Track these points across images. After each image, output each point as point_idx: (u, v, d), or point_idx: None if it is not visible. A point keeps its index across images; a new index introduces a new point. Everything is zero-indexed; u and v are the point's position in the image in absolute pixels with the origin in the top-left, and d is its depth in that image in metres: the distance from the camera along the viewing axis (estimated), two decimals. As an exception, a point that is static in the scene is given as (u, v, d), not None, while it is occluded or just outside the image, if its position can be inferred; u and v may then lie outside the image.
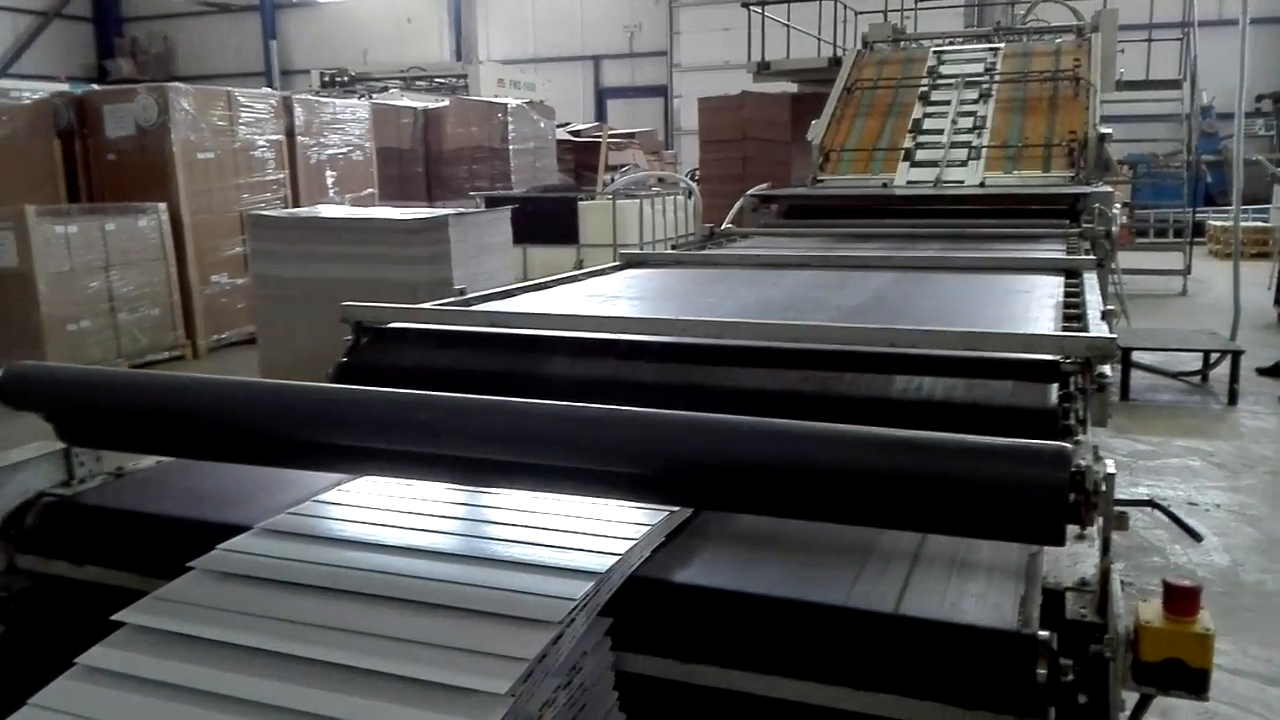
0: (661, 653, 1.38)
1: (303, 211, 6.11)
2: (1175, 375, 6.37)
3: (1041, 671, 1.21)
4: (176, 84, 7.52)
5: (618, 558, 1.40)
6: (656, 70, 22.30)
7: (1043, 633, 1.24)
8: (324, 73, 17.05)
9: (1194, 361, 6.41)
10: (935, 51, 7.66)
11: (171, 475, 1.96)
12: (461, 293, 3.10)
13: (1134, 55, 11.01)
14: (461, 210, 5.41)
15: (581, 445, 1.39)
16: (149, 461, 2.00)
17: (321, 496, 1.71)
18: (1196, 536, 1.30)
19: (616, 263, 4.21)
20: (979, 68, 7.24)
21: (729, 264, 4.09)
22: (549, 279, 3.67)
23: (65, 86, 10.00)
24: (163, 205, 7.25)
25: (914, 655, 1.28)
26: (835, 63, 9.94)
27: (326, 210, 5.97)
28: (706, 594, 1.41)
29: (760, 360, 2.19)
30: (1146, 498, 1.30)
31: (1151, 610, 1.14)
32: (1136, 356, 6.27)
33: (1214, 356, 6.27)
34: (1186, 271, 10.36)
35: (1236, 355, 6.00)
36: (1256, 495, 4.39)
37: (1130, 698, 1.31)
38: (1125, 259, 8.85)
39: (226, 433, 1.66)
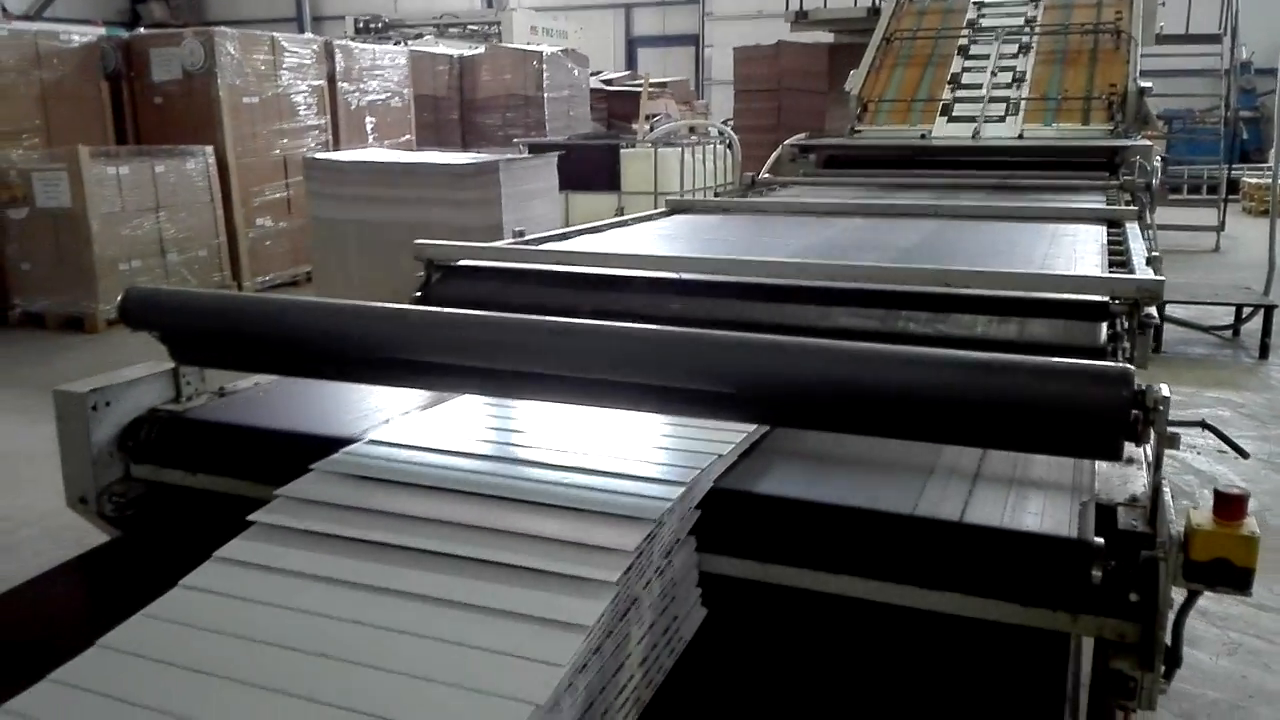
0: (740, 554, 1.51)
1: (357, 154, 6.22)
2: (1207, 329, 6.41)
3: (1096, 573, 1.33)
4: (222, 28, 7.60)
5: (702, 469, 1.53)
6: (688, 19, 22.09)
7: (1097, 539, 1.36)
8: (358, 19, 17.05)
9: (1226, 316, 6.45)
10: (975, 3, 7.62)
11: (269, 395, 2.10)
12: (520, 234, 3.21)
13: (1174, 8, 10.86)
14: (511, 156, 5.51)
15: (670, 365, 1.51)
16: (247, 382, 2.14)
17: (421, 412, 1.84)
18: (1244, 454, 1.41)
19: (663, 209, 4.31)
20: (1019, 19, 7.21)
21: (774, 210, 4.17)
22: (600, 223, 3.77)
23: (102, 31, 10.09)
24: (209, 148, 7.37)
25: (977, 559, 1.40)
26: (874, 12, 9.88)
27: (379, 154, 6.08)
28: (783, 503, 1.53)
29: (819, 299, 2.29)
30: (1199, 419, 1.39)
31: (1202, 515, 1.25)
32: (1169, 310, 6.30)
33: (1246, 311, 6.31)
34: (1220, 228, 10.31)
35: (1270, 310, 6.04)
36: (1286, 445, 4.49)
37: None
38: (1158, 215, 8.82)
39: (327, 351, 1.78)
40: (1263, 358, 5.94)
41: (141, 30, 8.25)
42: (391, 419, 1.88)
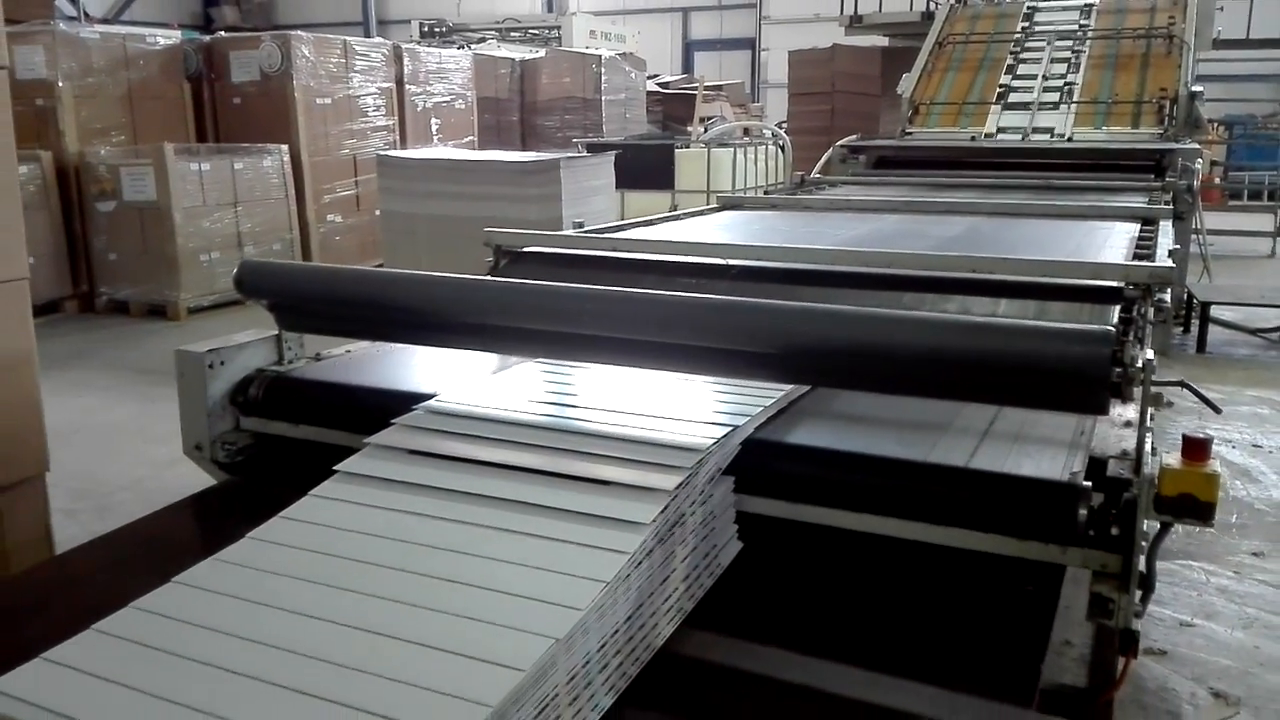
0: (773, 495, 1.73)
1: (427, 152, 6.53)
2: (1253, 331, 6.46)
3: (1083, 512, 1.53)
4: (299, 32, 7.98)
5: (747, 418, 1.76)
6: (745, 22, 22.28)
7: (1084, 482, 1.56)
8: (423, 23, 17.52)
9: (1274, 319, 6.50)
10: (1029, 7, 7.72)
11: (359, 359, 2.37)
12: (580, 225, 3.46)
13: (1235, 12, 10.82)
14: (571, 155, 5.78)
15: (719, 330, 1.73)
16: (339, 349, 2.41)
17: (490, 375, 2.09)
18: (1216, 409, 1.54)
19: (714, 205, 4.54)
20: (1072, 24, 7.31)
21: (821, 207, 4.37)
22: (655, 217, 4.01)
23: (180, 34, 10.56)
24: (284, 147, 7.74)
25: (981, 499, 1.61)
26: (928, 17, 10.00)
27: (448, 152, 6.38)
28: (811, 450, 1.75)
29: (857, 284, 2.50)
30: (1178, 379, 1.53)
31: (1172, 458, 1.44)
32: (1215, 312, 6.38)
33: (1293, 313, 6.36)
34: (1277, 234, 10.26)
35: (1317, 312, 6.10)
36: (1323, 442, 4.58)
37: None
38: (1215, 220, 8.85)
39: (414, 318, 2.03)
40: (1308, 359, 6.00)
41: (222, 34, 8.67)
42: (464, 380, 2.13)
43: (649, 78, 13.70)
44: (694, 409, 1.84)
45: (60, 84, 7.22)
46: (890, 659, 1.44)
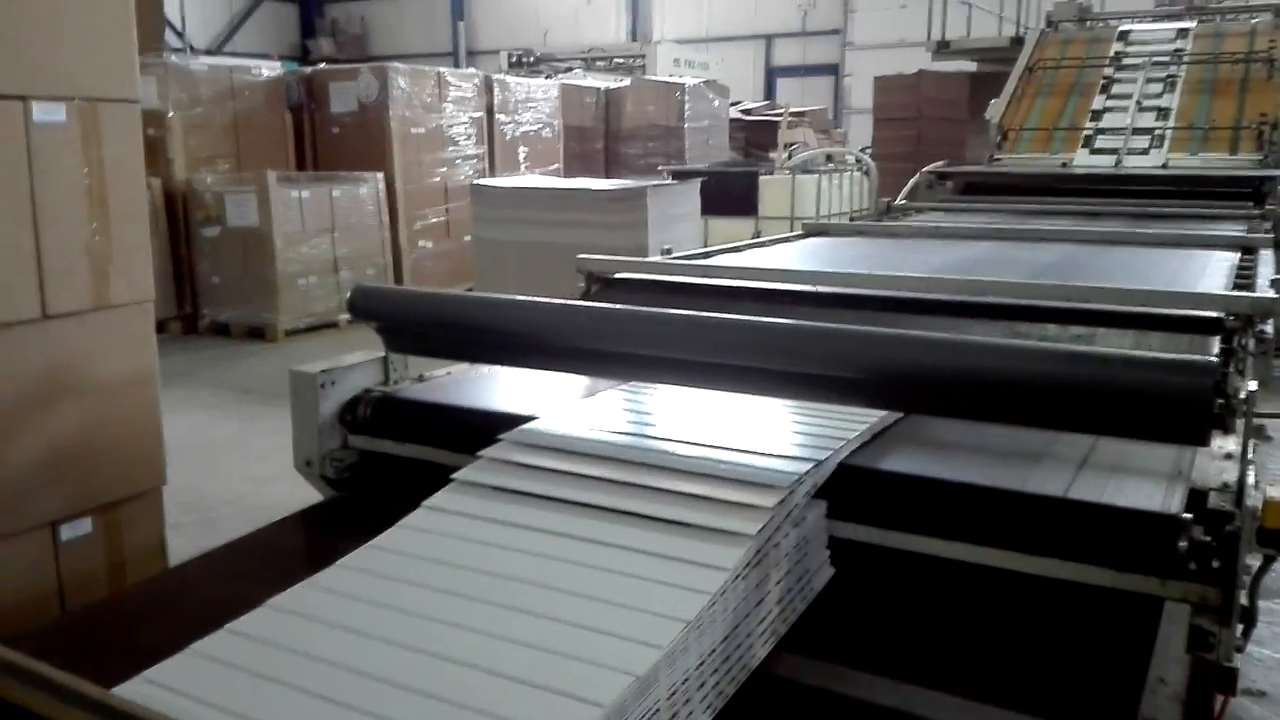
0: (866, 522, 1.75)
1: (517, 180, 6.70)
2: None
3: (1182, 544, 1.52)
4: (395, 64, 8.27)
5: (836, 448, 1.78)
6: (828, 49, 22.28)
7: (1185, 515, 1.55)
8: (511, 53, 17.93)
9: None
10: (1122, 31, 7.61)
11: (459, 381, 2.45)
12: (668, 252, 3.52)
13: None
14: (657, 182, 5.88)
15: (813, 355, 1.77)
16: (441, 371, 2.50)
17: (584, 399, 2.15)
18: None
19: (799, 232, 4.56)
20: (1167, 48, 7.17)
21: (908, 234, 4.37)
22: (740, 244, 4.06)
23: (279, 65, 10.98)
24: (379, 174, 8.00)
25: (1078, 530, 1.61)
26: (1017, 41, 9.90)
27: (537, 180, 6.54)
28: (905, 478, 1.77)
29: (948, 311, 2.51)
30: None
31: (1276, 491, 1.43)
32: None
33: None
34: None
35: None
36: None
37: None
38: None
39: (517, 341, 2.10)
40: None
41: (323, 65, 9.03)
42: (562, 403, 2.20)
43: (731, 104, 13.78)
44: (788, 434, 1.87)
45: (170, 114, 7.59)
46: (985, 688, 1.45)
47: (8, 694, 1.06)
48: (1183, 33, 7.24)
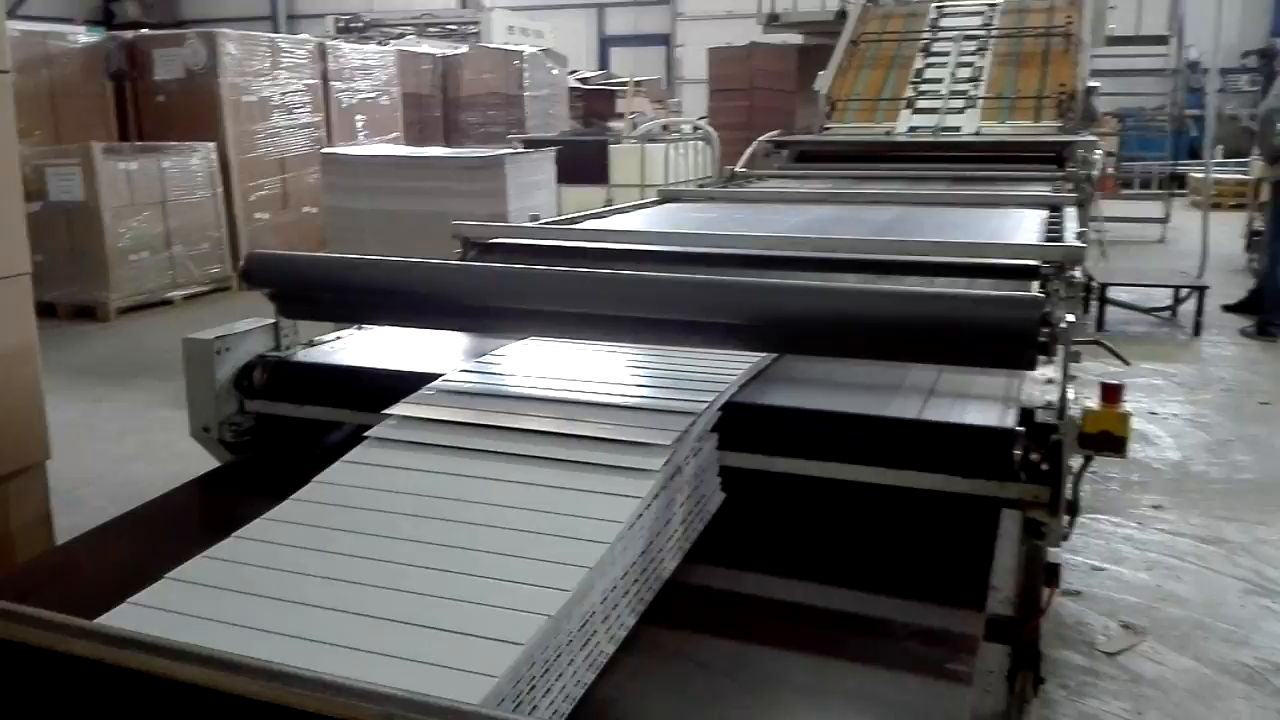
0: (751, 450, 1.96)
1: (371, 148, 6.62)
2: (1147, 310, 6.98)
3: (1017, 452, 1.80)
4: (224, 30, 7.97)
5: (726, 384, 1.99)
6: (659, 19, 22.59)
7: (1017, 428, 1.83)
8: (338, 18, 17.37)
9: (1165, 299, 7.02)
10: (936, 7, 8.12)
11: (350, 345, 2.53)
12: (535, 218, 3.65)
13: (1126, 10, 11.47)
14: (514, 150, 5.95)
15: (698, 305, 1.96)
16: (330, 335, 2.57)
17: (485, 356, 2.28)
18: (1125, 361, 1.82)
19: (654, 198, 4.76)
20: (977, 23, 7.72)
21: (756, 199, 4.64)
22: (603, 210, 4.22)
23: (83, 30, 10.37)
24: (211, 145, 7.73)
25: (931, 446, 1.87)
26: (841, 16, 10.38)
27: (391, 148, 6.49)
28: (785, 411, 1.99)
29: (805, 267, 2.75)
30: (1093, 338, 1.80)
31: (1092, 403, 1.72)
32: (1112, 293, 6.86)
33: (1183, 292, 6.88)
34: (1165, 220, 10.94)
35: (1202, 291, 6.62)
36: (1209, 408, 5.04)
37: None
38: (1108, 208, 9.42)
39: (408, 301, 2.21)
40: (1196, 334, 6.51)
41: (145, 31, 8.61)
42: (465, 360, 2.32)
43: (568, 73, 13.87)
44: (680, 378, 2.06)
45: (-22, 82, 7.10)
46: (862, 581, 1.69)
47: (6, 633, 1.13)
48: (992, 7, 7.81)
